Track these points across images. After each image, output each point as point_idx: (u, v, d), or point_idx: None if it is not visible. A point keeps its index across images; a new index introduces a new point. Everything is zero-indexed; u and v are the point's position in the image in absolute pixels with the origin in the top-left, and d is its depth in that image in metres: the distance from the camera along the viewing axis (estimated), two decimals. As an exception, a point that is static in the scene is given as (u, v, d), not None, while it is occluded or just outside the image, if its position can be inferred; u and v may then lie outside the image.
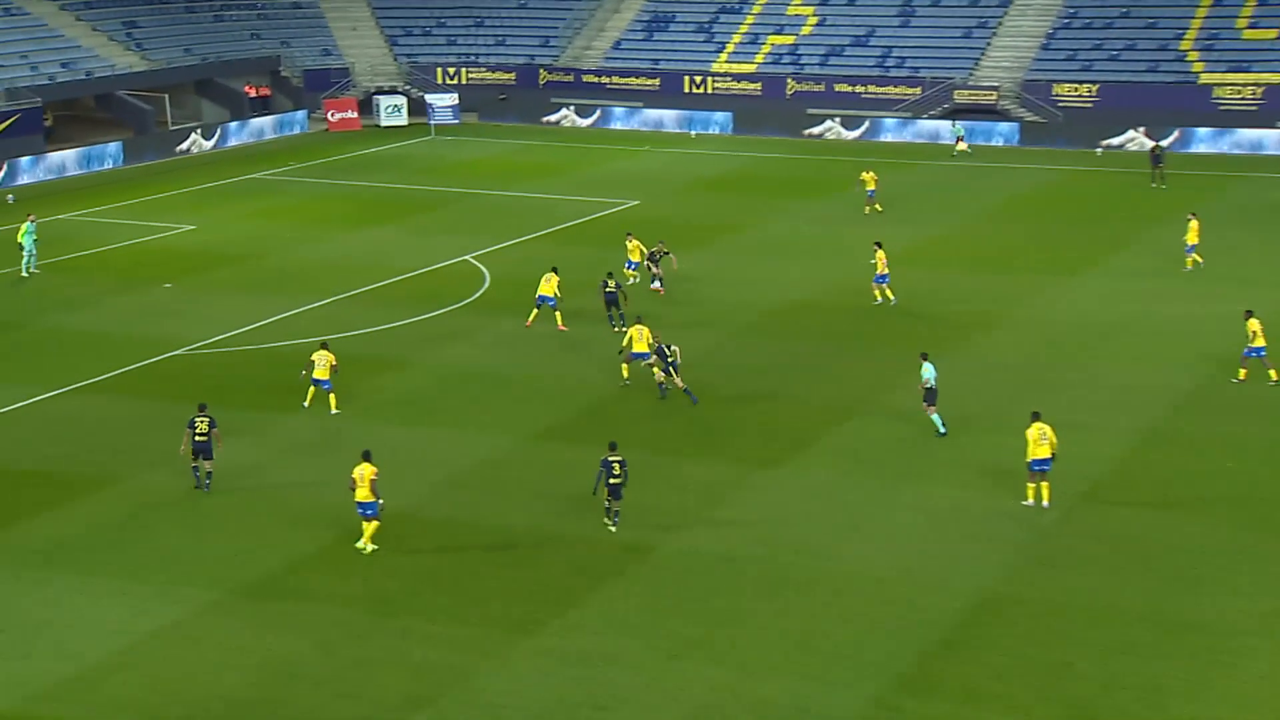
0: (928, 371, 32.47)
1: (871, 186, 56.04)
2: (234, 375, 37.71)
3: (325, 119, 78.61)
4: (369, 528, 27.43)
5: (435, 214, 56.47)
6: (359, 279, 46.81)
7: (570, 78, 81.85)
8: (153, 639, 24.21)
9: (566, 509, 29.12)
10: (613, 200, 59.33)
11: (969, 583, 25.93)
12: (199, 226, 54.76)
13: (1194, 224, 46.82)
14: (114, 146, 67.75)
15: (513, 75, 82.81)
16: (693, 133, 76.10)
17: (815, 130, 74.42)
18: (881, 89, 76.31)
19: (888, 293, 42.96)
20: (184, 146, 70.91)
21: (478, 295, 45.22)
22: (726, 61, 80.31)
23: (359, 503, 27.41)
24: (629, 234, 45.39)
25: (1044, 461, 28.82)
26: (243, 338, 40.77)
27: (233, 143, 73.31)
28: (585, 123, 78.57)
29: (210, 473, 30.31)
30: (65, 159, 65.45)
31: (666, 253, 44.77)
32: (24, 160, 63.43)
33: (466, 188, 62.30)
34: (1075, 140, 70.48)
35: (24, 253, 47.62)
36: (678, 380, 34.95)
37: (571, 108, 78.82)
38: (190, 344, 40.06)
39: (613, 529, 28.19)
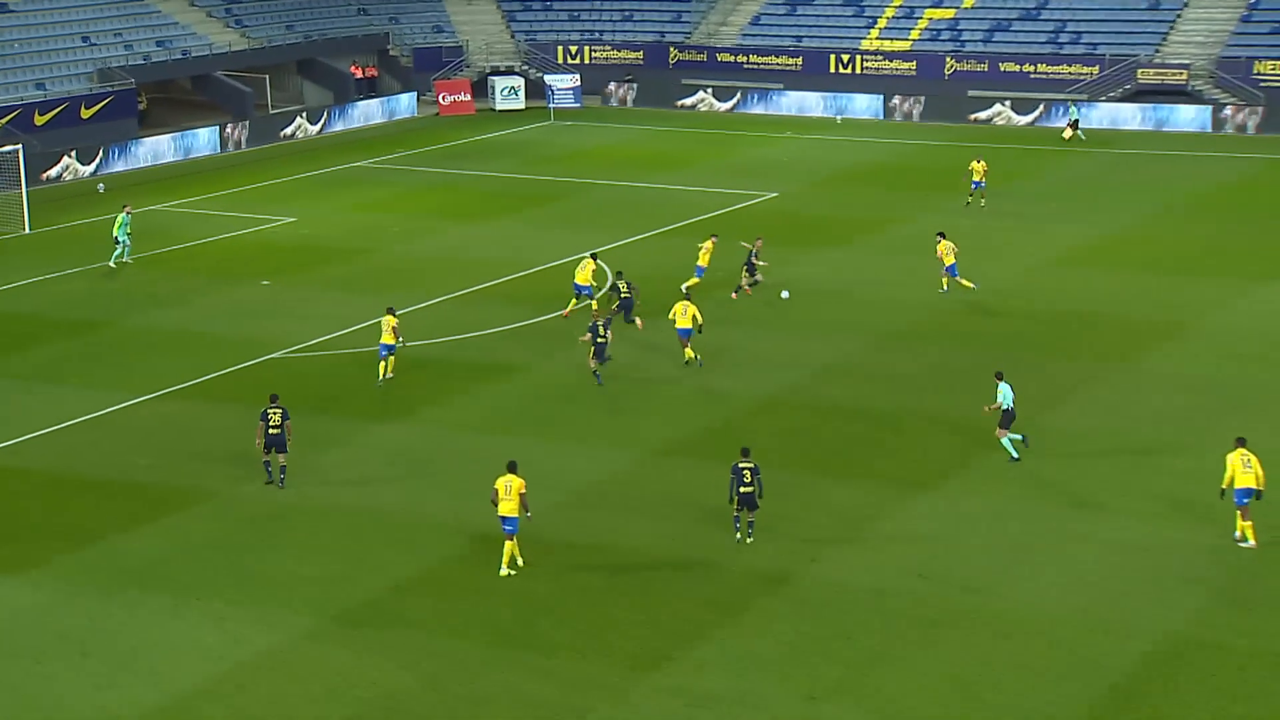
0: (1004, 394, 32.03)
1: (979, 177, 55.25)
2: (335, 380, 38.14)
3: (436, 102, 79.45)
4: (510, 547, 27.51)
5: (554, 206, 56.73)
6: (470, 277, 47.15)
7: (703, 57, 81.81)
8: (247, 668, 24.51)
9: (695, 532, 28.97)
10: (749, 192, 59.12)
11: (1152, 626, 25.30)
12: (299, 219, 55.59)
13: None
14: (210, 131, 69.10)
15: (640, 54, 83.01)
16: (839, 118, 75.62)
17: (982, 115, 73.35)
18: (1053, 68, 75.09)
19: (943, 283, 43.67)
20: (288, 131, 72.03)
21: (598, 295, 45.26)
22: (878, 39, 79.67)
23: (503, 518, 27.56)
24: (713, 235, 44.91)
25: (1248, 492, 28.03)
26: (344, 340, 41.23)
27: (336, 128, 74.40)
28: (724, 107, 78.43)
29: (284, 467, 31.19)
30: (159, 145, 66.87)
31: (756, 257, 43.72)
32: (116, 146, 64.88)
33: (588, 178, 62.54)
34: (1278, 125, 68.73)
35: (117, 244, 48.82)
36: (591, 363, 36.51)
37: (709, 90, 78.74)
38: (288, 346, 40.60)
39: (748, 541, 28.29)
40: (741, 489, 28.09)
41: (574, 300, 41.46)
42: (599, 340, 36.81)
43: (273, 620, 25.92)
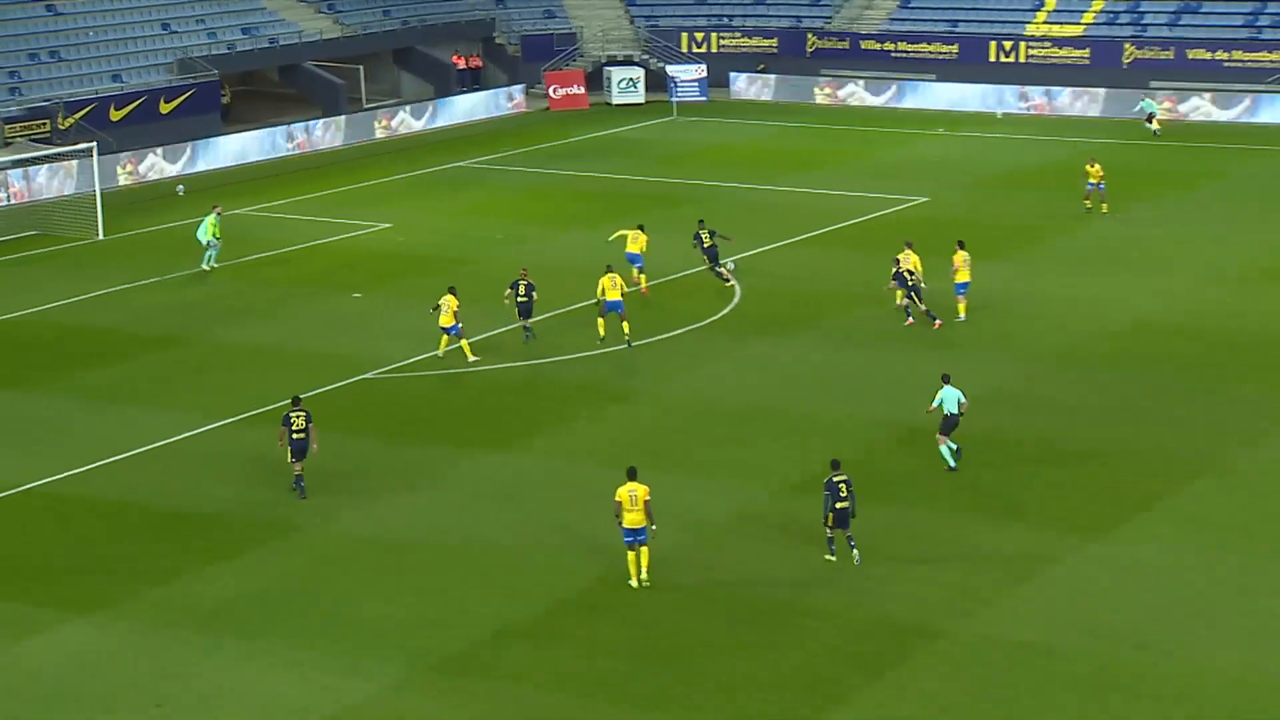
0: (945, 398, 33.41)
1: (1095, 179, 54.47)
2: (431, 404, 38.57)
3: (546, 95, 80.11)
4: (642, 557, 28.30)
5: (676, 212, 56.92)
6: (581, 290, 47.36)
7: (845, 44, 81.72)
8: (331, 721, 24.85)
9: (834, 579, 28.88)
10: (896, 196, 58.90)
11: (1351, 692, 24.80)
12: (394, 224, 56.29)
13: None
14: (299, 127, 70.21)
15: (774, 42, 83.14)
16: (999, 112, 75.09)
17: (1182, 109, 72.22)
18: (1250, 55, 73.90)
19: (960, 309, 43.64)
20: (383, 127, 72.96)
21: (727, 311, 45.41)
22: (1045, 23, 79.02)
23: (628, 530, 28.25)
24: (908, 242, 44.74)
25: None
26: (444, 358, 41.66)
27: (436, 124, 75.29)
28: (875, 100, 78.20)
29: (301, 476, 32.63)
30: (243, 142, 68.04)
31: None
32: (197, 144, 66.09)
33: (714, 180, 62.71)
34: None
35: (208, 248, 49.95)
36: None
37: (861, 83, 78.52)
38: (381, 366, 41.09)
39: (855, 560, 28.83)
40: (838, 504, 28.93)
41: (636, 272, 46.20)
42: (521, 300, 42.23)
43: (360, 669, 26.18)
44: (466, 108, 77.10)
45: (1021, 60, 77.86)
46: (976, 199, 58.42)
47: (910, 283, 42.99)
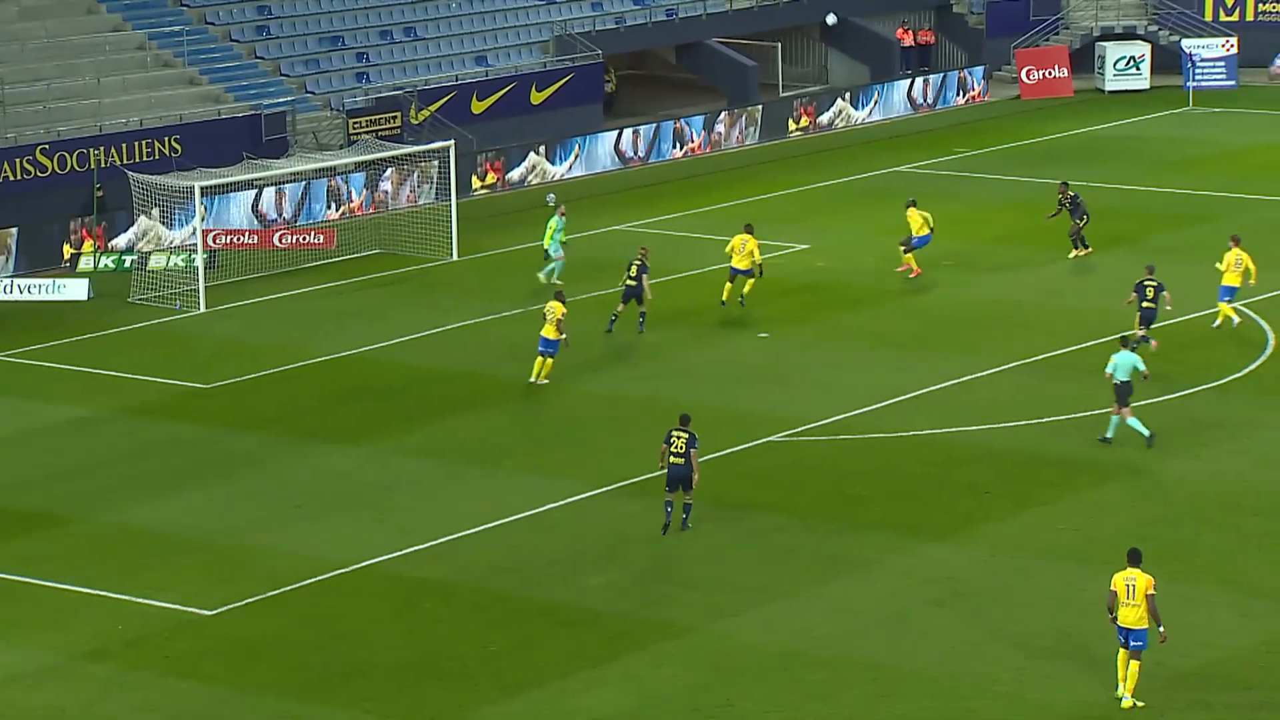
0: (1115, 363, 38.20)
1: None
2: (856, 477, 38.95)
3: (1016, 79, 79.74)
4: (1133, 669, 28.49)
5: (1191, 232, 56.20)
6: (1061, 334, 47.13)
7: None
8: None
9: None
10: None
11: None
12: (813, 245, 56.86)
13: None
14: (699, 120, 71.43)
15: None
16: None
17: None
18: None
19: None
20: (812, 120, 73.52)
21: (1256, 364, 44.69)
22: None
23: (1124, 629, 28.53)
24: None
25: None
26: (871, 419, 41.99)
27: (875, 117, 75.68)
28: None
29: (688, 505, 35.53)
30: (628, 140, 69.41)
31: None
32: (576, 141, 67.80)
33: (1246, 191, 61.71)
34: None
35: (548, 259, 51.90)
36: None
37: None
38: (792, 427, 41.58)
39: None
40: (672, 458, 31.25)
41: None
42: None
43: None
44: (912, 96, 77.27)
45: None
46: None
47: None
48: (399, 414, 43.47)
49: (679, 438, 34.97)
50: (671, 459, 34.93)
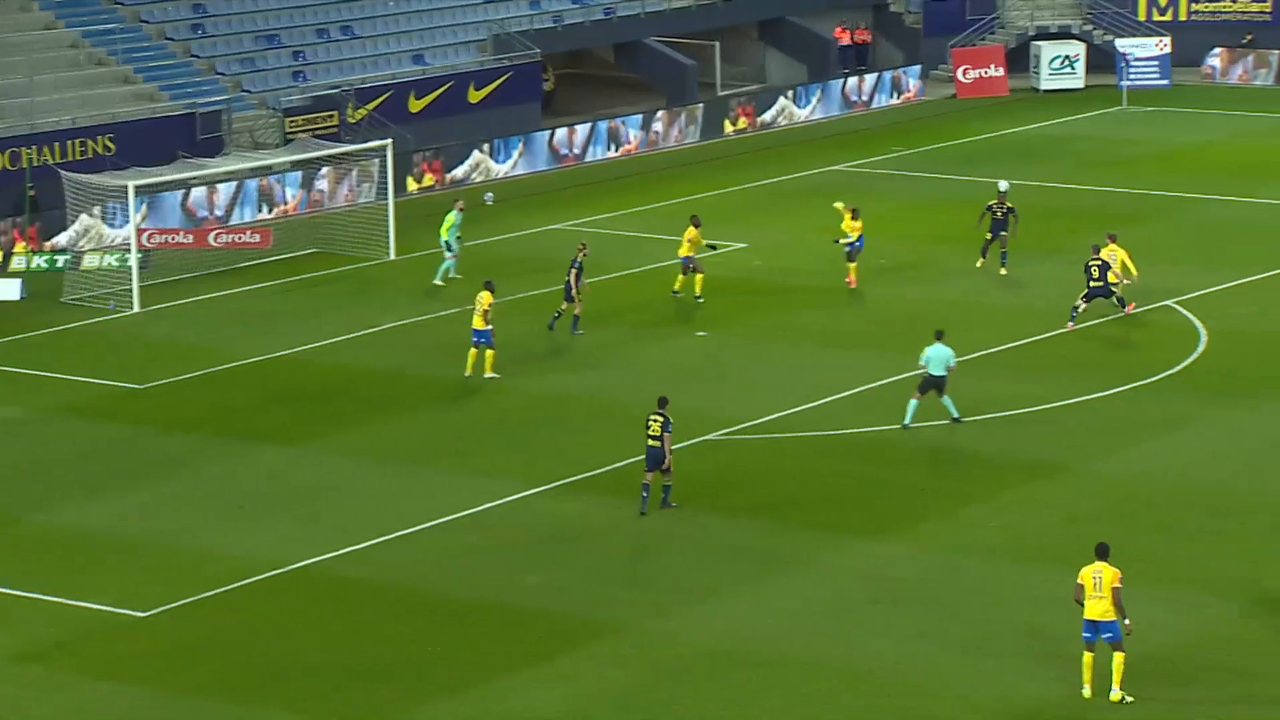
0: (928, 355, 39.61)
1: None
2: (791, 475, 38.95)
3: (953, 79, 79.94)
4: (1117, 661, 28.55)
5: (1122, 231, 56.05)
6: (998, 330, 47.28)
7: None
8: None
9: None
10: None
11: None
12: (750, 244, 56.83)
13: None
14: (635, 120, 71.37)
15: (1267, 5, 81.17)
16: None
17: None
18: None
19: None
20: (750, 120, 73.52)
21: (1187, 363, 44.89)
22: None
23: (1091, 621, 28.66)
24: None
25: None
26: (806, 418, 41.97)
27: (813, 116, 75.71)
28: None
29: (667, 487, 36.14)
30: (566, 139, 69.27)
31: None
32: (513, 141, 67.52)
33: (1180, 190, 62.01)
34: None
35: (447, 254, 52.14)
36: None
37: None
38: (727, 426, 41.47)
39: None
40: (649, 441, 33.49)
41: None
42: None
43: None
44: (848, 95, 77.37)
45: None
46: None
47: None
48: (334, 414, 43.26)
49: (655, 420, 35.64)
50: (649, 441, 35.60)
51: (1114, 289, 46.73)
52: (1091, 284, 46.14)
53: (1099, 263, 46.33)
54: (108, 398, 44.70)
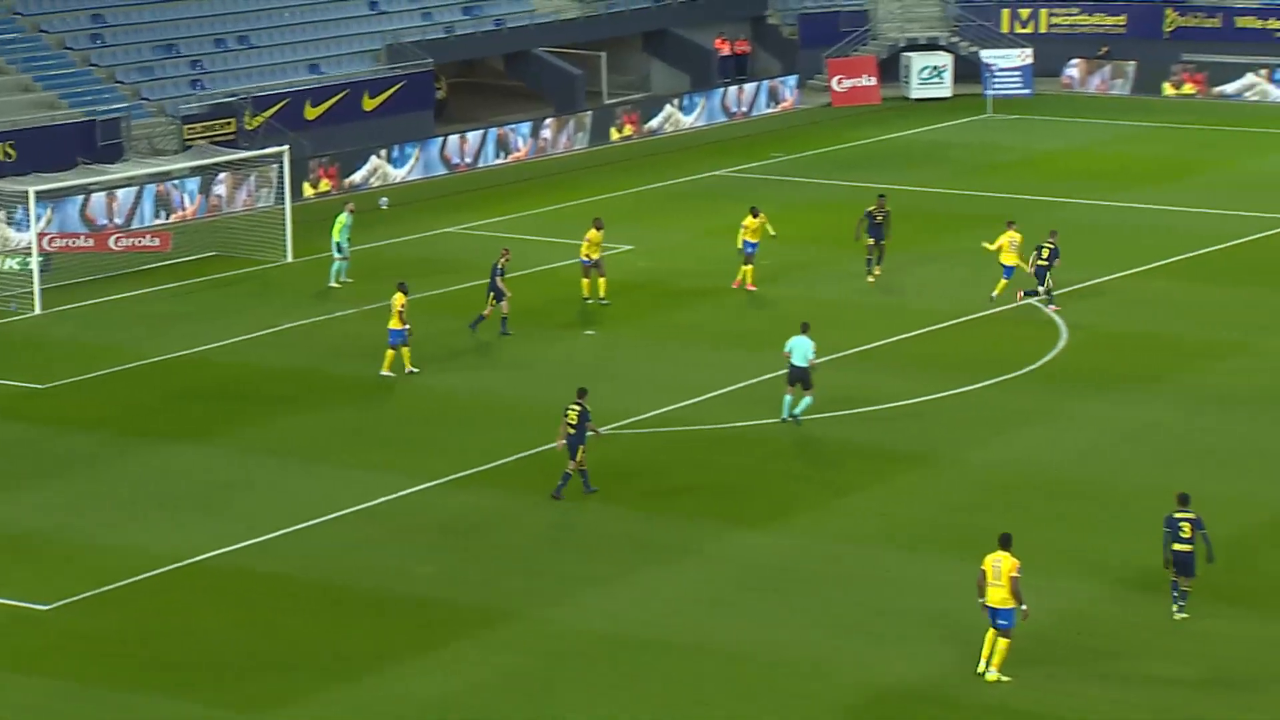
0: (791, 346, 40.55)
1: None
2: (681, 469, 39.65)
3: (828, 88, 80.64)
4: (1000, 646, 29.29)
5: (984, 231, 57.10)
6: (874, 328, 48.09)
7: (1216, 21, 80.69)
8: None
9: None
10: (1271, 216, 58.40)
11: None
12: (637, 246, 57.38)
13: None
14: (525, 127, 71.85)
15: (1121, 20, 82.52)
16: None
17: None
18: None
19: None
20: (635, 127, 74.08)
21: (1049, 358, 45.90)
22: None
23: (990, 608, 29.31)
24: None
25: None
26: (693, 412, 42.69)
27: (696, 123, 76.32)
28: (1257, 95, 77.18)
29: (584, 471, 37.25)
30: (457, 145, 69.64)
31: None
32: (407, 147, 67.80)
33: (1043, 194, 62.80)
34: None
35: (337, 255, 52.61)
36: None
37: (1261, 72, 77.35)
38: (617, 421, 42.01)
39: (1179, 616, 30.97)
40: (1175, 545, 30.81)
41: (744, 269, 51.72)
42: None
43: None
44: (729, 104, 78.11)
45: None
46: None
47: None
48: (237, 413, 43.55)
49: (573, 410, 36.88)
50: (567, 430, 36.72)
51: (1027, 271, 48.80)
52: (1038, 263, 48.56)
53: (1051, 245, 48.53)
54: (9, 397, 44.81)
